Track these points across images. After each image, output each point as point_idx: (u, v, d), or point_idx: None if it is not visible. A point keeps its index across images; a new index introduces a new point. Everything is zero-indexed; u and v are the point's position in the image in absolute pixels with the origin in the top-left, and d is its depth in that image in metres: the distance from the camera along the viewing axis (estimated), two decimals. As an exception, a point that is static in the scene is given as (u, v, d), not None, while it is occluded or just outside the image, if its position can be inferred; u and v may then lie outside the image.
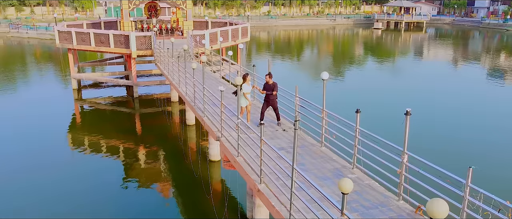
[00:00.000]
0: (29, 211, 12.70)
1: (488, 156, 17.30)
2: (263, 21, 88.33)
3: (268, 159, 8.39)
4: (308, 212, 6.79)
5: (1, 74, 36.11)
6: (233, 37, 29.65)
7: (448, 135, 19.91)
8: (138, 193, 14.24)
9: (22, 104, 26.07)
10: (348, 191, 5.37)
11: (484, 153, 17.60)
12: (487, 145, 18.63)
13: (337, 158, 10.05)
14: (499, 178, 14.62)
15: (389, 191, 8.33)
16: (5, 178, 15.06)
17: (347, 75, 37.47)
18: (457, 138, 19.47)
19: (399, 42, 68.29)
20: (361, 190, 8.44)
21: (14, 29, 62.70)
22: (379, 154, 8.51)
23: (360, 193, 8.30)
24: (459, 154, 17.24)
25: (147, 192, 14.41)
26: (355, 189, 8.48)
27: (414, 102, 25.64)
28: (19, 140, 19.21)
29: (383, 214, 7.49)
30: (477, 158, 16.83)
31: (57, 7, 79.73)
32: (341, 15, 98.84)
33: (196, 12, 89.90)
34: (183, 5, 30.37)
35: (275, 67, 41.22)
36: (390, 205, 7.84)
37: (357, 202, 7.92)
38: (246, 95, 12.27)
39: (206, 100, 13.22)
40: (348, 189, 5.36)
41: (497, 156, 17.28)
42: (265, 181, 8.64)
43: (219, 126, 11.64)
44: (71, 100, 27.50)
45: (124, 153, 18.18)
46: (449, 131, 20.56)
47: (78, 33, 26.46)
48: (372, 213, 7.52)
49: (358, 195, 8.22)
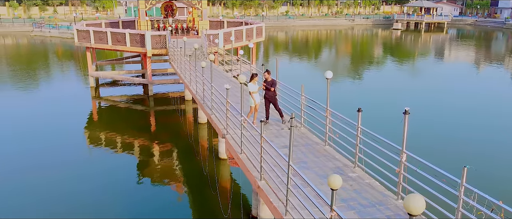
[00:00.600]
0: (44, 206, 13.09)
1: (499, 156, 17.01)
2: (280, 21, 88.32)
3: (269, 157, 8.49)
4: (303, 209, 6.87)
5: (23, 72, 37.22)
6: (247, 37, 29.82)
7: (463, 136, 19.62)
8: (148, 189, 14.53)
9: (42, 102, 26.84)
10: (336, 187, 5.44)
11: (497, 154, 17.31)
12: (501, 146, 18.31)
13: (340, 157, 10.08)
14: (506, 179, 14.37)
15: (388, 190, 8.33)
16: (24, 174, 15.49)
17: (364, 76, 37.18)
18: (472, 139, 19.16)
19: (419, 43, 67.25)
20: (361, 189, 8.46)
21: (37, 28, 64.43)
22: (380, 153, 8.52)
23: (359, 192, 8.32)
24: (473, 155, 16.98)
25: (157, 188, 14.70)
26: (354, 188, 8.53)
27: (431, 104, 25.36)
28: (37, 136, 19.78)
29: (380, 213, 7.50)
30: (490, 159, 16.56)
31: (79, 7, 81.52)
32: (360, 15, 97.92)
33: (214, 12, 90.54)
34: (199, 5, 30.71)
35: (292, 67, 41.30)
36: (388, 204, 7.84)
37: (355, 201, 7.95)
38: (253, 94, 12.26)
39: (214, 99, 13.40)
40: (336, 185, 5.42)
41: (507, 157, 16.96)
42: (265, 178, 8.75)
43: (225, 123, 11.80)
44: (88, 98, 28.16)
45: (138, 150, 18.57)
46: (463, 132, 20.25)
47: (96, 32, 27.08)
48: (369, 212, 7.54)
49: (357, 194, 8.24)
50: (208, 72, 15.14)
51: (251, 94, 12.25)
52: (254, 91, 12.31)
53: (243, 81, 9.99)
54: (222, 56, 23.50)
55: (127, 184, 14.82)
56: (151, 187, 14.82)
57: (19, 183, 14.63)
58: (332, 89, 10.90)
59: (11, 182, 14.75)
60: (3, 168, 15.93)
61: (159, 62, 34.24)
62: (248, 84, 12.18)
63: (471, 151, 17.69)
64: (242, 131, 10.01)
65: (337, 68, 41.28)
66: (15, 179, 14.94)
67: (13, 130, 20.57)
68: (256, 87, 12.42)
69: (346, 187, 8.51)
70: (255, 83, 12.43)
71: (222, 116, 12.37)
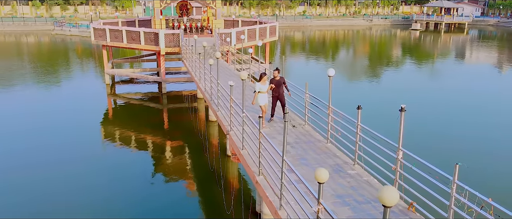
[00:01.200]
0: (58, 199, 13.40)
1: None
2: (297, 21, 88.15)
3: (268, 153, 8.58)
4: (296, 204, 6.95)
5: (43, 69, 38.22)
6: (260, 36, 29.95)
7: (475, 134, 19.33)
8: (157, 185, 14.79)
9: (59, 98, 27.54)
10: (323, 180, 5.50)
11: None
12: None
13: (341, 154, 10.10)
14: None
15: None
16: (40, 168, 15.89)
17: (380, 76, 36.84)
18: (487, 138, 18.86)
19: (438, 44, 66.14)
20: (358, 185, 8.48)
21: (58, 27, 65.99)
22: (378, 150, 8.53)
23: (357, 189, 8.35)
24: (487, 154, 16.73)
25: (165, 184, 14.95)
26: (352, 185, 8.56)
27: (448, 104, 25.05)
28: (54, 131, 20.28)
29: (374, 209, 7.52)
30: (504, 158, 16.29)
31: (99, 6, 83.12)
32: (378, 15, 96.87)
33: (231, 11, 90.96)
34: (213, 4, 30.97)
35: (308, 66, 41.19)
36: (384, 201, 7.83)
37: (351, 197, 7.98)
38: (259, 94, 11.99)
39: (219, 96, 13.58)
40: (323, 179, 5.49)
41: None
42: (264, 173, 8.85)
43: (229, 120, 11.95)
44: (104, 95, 28.76)
45: (149, 146, 18.90)
46: (477, 131, 19.94)
47: (111, 30, 27.63)
48: (363, 208, 7.57)
49: (354, 190, 8.27)
50: (215, 69, 15.30)
51: (257, 94, 12.00)
52: (262, 91, 12.02)
53: (244, 78, 10.11)
54: (234, 55, 23.68)
55: (136, 180, 15.09)
56: (160, 182, 15.09)
57: (36, 176, 15.03)
58: (348, 89, 10.94)
59: (28, 175, 15.16)
60: (22, 162, 16.40)
61: (174, 60, 34.67)
62: (256, 83, 12.05)
63: (485, 150, 17.42)
64: (243, 127, 10.13)
65: (354, 68, 41.02)
66: (32, 173, 15.34)
67: (32, 125, 21.13)
68: (265, 87, 12.10)
69: (343, 184, 8.55)
70: (265, 83, 12.13)
71: (227, 113, 12.52)
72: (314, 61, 45.54)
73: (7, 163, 16.33)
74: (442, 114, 23.13)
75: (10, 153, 17.39)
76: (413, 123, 19.54)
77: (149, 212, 12.70)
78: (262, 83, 12.07)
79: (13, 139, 19.12)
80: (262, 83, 12.07)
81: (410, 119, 21.13)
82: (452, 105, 25.01)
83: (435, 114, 23.14)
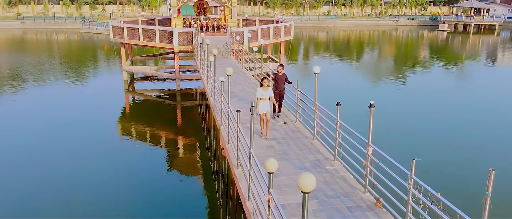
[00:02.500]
0: (73, 192, 13.87)
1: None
2: (321, 21, 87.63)
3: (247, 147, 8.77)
4: (264, 195, 7.15)
5: (67, 66, 39.70)
6: (275, 35, 30.13)
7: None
8: (165, 179, 15.14)
9: (79, 94, 28.52)
10: (272, 170, 5.68)
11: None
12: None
13: (324, 150, 10.21)
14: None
15: (359, 184, 8.40)
16: (60, 161, 16.48)
17: (402, 77, 36.32)
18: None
19: (466, 46, 64.29)
20: (332, 181, 8.59)
21: (86, 25, 68.23)
22: (355, 148, 8.61)
23: (330, 184, 8.46)
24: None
25: (171, 179, 15.34)
26: (327, 180, 8.67)
27: (475, 106, 24.64)
28: (72, 127, 20.84)
29: (342, 204, 7.62)
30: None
31: (126, 6, 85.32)
32: (404, 16, 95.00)
33: (255, 11, 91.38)
34: (228, 3, 31.38)
35: (333, 67, 40.93)
36: (354, 196, 7.93)
37: (321, 191, 8.10)
38: (260, 101, 10.77)
39: (216, 92, 13.89)
40: (272, 169, 5.67)
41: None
42: (242, 165, 9.09)
43: (220, 115, 12.24)
44: (122, 91, 29.65)
45: (161, 142, 19.42)
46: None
47: (129, 28, 28.47)
48: (331, 202, 7.68)
49: (327, 185, 8.39)
50: (222, 67, 15.66)
51: (258, 101, 10.79)
52: (263, 97, 10.78)
53: (229, 74, 10.36)
54: (245, 54, 23.95)
55: (147, 174, 15.43)
56: (168, 176, 15.48)
57: (56, 170, 15.59)
58: (371, 91, 11.01)
59: (46, 169, 15.72)
60: (43, 156, 16.98)
61: (191, 59, 35.31)
62: (257, 89, 10.87)
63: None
64: (229, 122, 10.40)
65: (376, 69, 40.56)
66: (51, 167, 15.92)
67: (54, 120, 21.89)
68: (266, 94, 10.81)
69: (319, 179, 8.67)
70: (267, 89, 10.77)
71: (219, 108, 12.81)
72: (338, 62, 45.12)
73: (30, 156, 16.87)
74: (464, 115, 22.67)
75: (35, 147, 18.00)
76: (436, 124, 19.34)
77: (154, 206, 13.16)
78: (264, 89, 10.78)
79: (35, 133, 19.85)
80: (264, 89, 10.78)
81: (433, 120, 21.01)
82: (480, 107, 24.39)
83: (458, 115, 22.72)
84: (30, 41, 60.62)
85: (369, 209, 7.47)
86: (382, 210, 7.43)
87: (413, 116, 22.77)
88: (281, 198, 7.87)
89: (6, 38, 62.19)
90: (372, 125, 7.76)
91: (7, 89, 29.02)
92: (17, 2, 78.32)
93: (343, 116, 9.08)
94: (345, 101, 9.44)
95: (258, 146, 10.32)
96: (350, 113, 13.12)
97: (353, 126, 8.68)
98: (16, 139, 19.05)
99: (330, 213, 7.29)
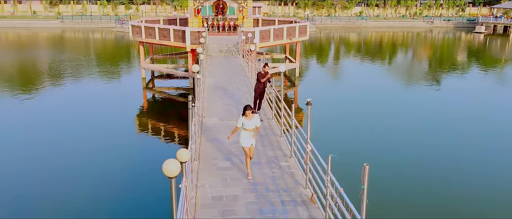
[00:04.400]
0: (87, 186, 14.39)
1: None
2: (352, 22, 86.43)
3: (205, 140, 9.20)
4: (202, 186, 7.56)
5: (97, 63, 41.60)
6: (288, 35, 30.28)
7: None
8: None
9: (103, 90, 29.78)
10: (183, 159, 6.06)
11: None
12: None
13: (286, 147, 10.45)
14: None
15: (303, 180, 8.61)
16: (80, 155, 17.08)
17: (428, 81, 35.51)
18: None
19: (505, 49, 61.38)
20: (280, 176, 8.85)
21: (119, 24, 70.83)
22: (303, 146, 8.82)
23: (276, 179, 8.72)
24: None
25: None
26: (275, 175, 8.95)
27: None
28: (91, 122, 21.53)
29: (278, 198, 7.88)
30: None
31: (159, 6, 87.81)
32: (440, 17, 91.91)
33: (285, 11, 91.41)
34: (244, 3, 31.84)
35: (363, 68, 40.53)
36: (293, 191, 8.17)
37: (264, 185, 8.39)
38: (246, 132, 8.85)
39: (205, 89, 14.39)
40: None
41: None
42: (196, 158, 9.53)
43: (201, 111, 12.71)
44: (140, 89, 30.83)
45: (175, 138, 20.02)
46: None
47: (146, 27, 29.53)
48: (268, 196, 7.96)
49: (272, 180, 8.66)
50: (218, 65, 16.09)
51: (238, 130, 9.11)
52: (247, 128, 8.83)
53: (195, 71, 10.78)
54: (250, 54, 24.30)
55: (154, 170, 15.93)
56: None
57: (77, 162, 16.18)
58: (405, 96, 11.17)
59: (68, 163, 16.29)
60: (65, 151, 17.51)
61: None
62: (240, 118, 8.96)
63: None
64: (202, 118, 10.85)
65: (411, 72, 39.75)
66: (74, 159, 16.49)
67: (76, 116, 22.72)
68: (251, 123, 8.82)
69: (267, 174, 8.97)
70: (251, 117, 8.84)
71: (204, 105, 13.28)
72: (370, 64, 44.35)
73: (54, 151, 17.50)
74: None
75: (61, 142, 18.59)
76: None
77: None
78: (248, 118, 8.83)
79: (59, 129, 20.59)
80: (248, 118, 8.83)
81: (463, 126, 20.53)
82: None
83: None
84: (67, 39, 63.73)
85: (302, 204, 7.69)
86: (314, 206, 7.63)
87: (436, 118, 22.28)
88: (222, 189, 8.24)
89: (47, 36, 65.69)
90: (310, 123, 7.97)
91: (47, 84, 30.91)
92: (58, 2, 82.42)
93: (351, 116, 9.29)
94: (373, 102, 9.60)
95: (228, 143, 10.71)
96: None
97: (375, 130, 8.88)
98: (44, 132, 19.91)
99: (261, 206, 7.57)
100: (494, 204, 12.77)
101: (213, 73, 20.16)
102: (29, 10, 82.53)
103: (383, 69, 40.73)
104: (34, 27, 74.55)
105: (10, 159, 16.57)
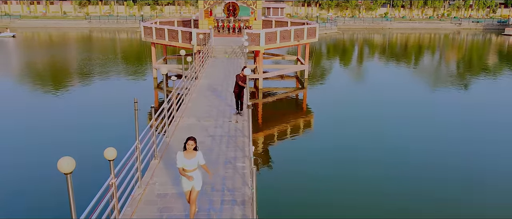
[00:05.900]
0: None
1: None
2: (376, 23, 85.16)
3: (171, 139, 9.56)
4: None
5: (116, 62, 43.01)
6: (296, 37, 30.38)
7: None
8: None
9: (118, 89, 30.87)
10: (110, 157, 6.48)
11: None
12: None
13: (248, 149, 10.70)
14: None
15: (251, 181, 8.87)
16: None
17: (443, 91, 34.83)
18: None
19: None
20: (230, 176, 9.14)
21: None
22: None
23: (225, 178, 9.03)
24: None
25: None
26: (226, 175, 9.24)
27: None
28: (102, 121, 22.14)
29: (220, 197, 8.18)
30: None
31: (183, 6, 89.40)
32: (469, 18, 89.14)
33: (308, 12, 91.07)
34: (253, 5, 32.20)
35: (387, 70, 40.12)
36: (238, 191, 8.45)
37: (211, 185, 8.70)
38: (185, 173, 7.16)
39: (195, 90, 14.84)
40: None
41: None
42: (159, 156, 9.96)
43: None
44: (151, 88, 31.77)
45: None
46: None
47: (157, 29, 30.36)
48: (211, 194, 8.29)
49: (222, 180, 8.97)
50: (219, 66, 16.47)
51: (183, 171, 7.17)
52: (187, 169, 7.16)
53: (163, 73, 11.20)
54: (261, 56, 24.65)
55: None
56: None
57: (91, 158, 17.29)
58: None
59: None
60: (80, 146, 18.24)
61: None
62: (178, 155, 7.20)
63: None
64: (179, 119, 11.29)
65: (439, 75, 39.12)
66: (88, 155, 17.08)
67: (88, 113, 23.73)
68: (191, 162, 7.14)
69: (220, 174, 9.27)
70: (192, 155, 7.16)
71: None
72: (394, 67, 43.69)
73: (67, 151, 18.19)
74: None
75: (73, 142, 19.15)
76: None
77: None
78: (188, 155, 7.15)
79: (74, 128, 21.12)
80: (188, 155, 7.15)
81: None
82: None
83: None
84: (93, 39, 66.05)
85: (240, 204, 7.97)
86: (250, 206, 7.88)
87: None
88: (170, 187, 8.63)
89: (75, 36, 68.28)
90: (251, 126, 8.23)
91: (76, 82, 32.39)
92: (86, 3, 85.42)
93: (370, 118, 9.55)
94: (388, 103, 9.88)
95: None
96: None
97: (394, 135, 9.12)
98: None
99: (200, 204, 7.89)
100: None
101: (210, 74, 20.62)
102: (59, 11, 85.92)
103: (400, 73, 40.09)
104: (63, 27, 77.68)
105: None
